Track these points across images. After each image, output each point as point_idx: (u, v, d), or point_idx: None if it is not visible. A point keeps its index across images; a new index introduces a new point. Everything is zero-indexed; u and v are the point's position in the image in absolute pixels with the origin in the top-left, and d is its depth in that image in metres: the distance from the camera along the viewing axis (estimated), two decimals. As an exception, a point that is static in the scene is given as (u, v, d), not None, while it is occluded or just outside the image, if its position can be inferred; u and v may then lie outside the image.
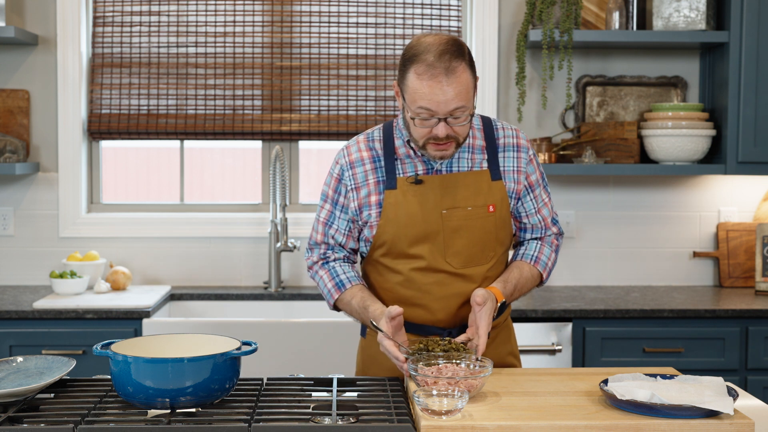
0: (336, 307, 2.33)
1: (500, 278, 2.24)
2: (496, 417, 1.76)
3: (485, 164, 2.24)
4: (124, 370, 1.77)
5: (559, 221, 2.41)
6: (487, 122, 2.29)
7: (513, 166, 2.26)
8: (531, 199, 2.30)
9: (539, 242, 2.34)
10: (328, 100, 3.80)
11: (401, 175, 2.22)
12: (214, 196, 4.03)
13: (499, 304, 2.14)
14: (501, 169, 2.25)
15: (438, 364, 1.95)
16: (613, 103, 3.79)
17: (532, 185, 2.30)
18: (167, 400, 1.77)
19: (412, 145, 2.21)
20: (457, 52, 2.06)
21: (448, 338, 2.10)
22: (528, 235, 2.35)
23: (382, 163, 2.24)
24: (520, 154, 2.27)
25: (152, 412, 1.78)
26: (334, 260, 2.31)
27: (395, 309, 2.06)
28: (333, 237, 2.29)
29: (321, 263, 2.32)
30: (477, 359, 1.97)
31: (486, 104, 3.76)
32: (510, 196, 2.25)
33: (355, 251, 2.34)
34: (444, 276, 2.21)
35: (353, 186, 2.25)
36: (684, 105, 3.59)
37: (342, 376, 2.05)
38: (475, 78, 2.12)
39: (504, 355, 2.34)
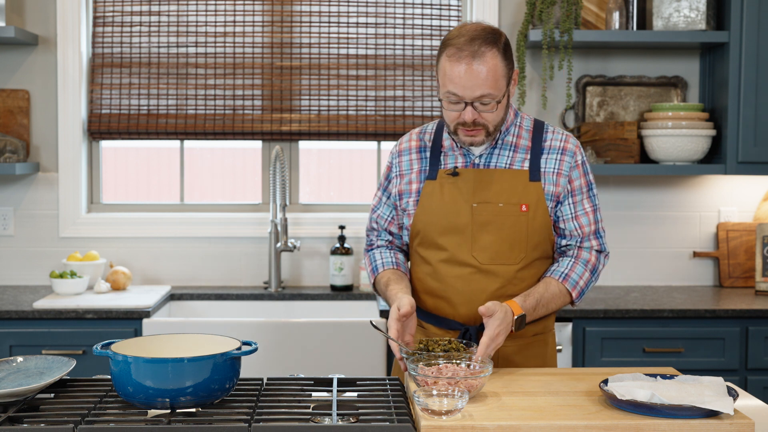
0: (377, 291, 2.40)
1: (524, 292, 2.21)
2: (496, 417, 1.76)
3: (526, 164, 2.25)
4: (124, 370, 1.77)
5: (604, 239, 2.31)
6: (539, 125, 2.30)
7: (554, 168, 2.25)
8: (569, 204, 2.26)
9: (572, 260, 2.27)
10: (328, 100, 3.79)
11: (443, 167, 2.27)
12: (214, 196, 4.02)
13: (516, 317, 2.11)
14: (541, 170, 2.24)
15: (438, 364, 1.95)
16: (613, 103, 3.79)
17: (574, 190, 2.26)
18: (167, 400, 1.77)
19: (454, 136, 2.25)
20: (489, 39, 2.10)
21: (447, 338, 2.10)
22: (564, 242, 2.29)
23: (428, 154, 2.31)
24: (564, 157, 2.25)
25: (152, 412, 1.78)
26: (377, 247, 2.40)
27: (404, 307, 2.09)
28: (376, 222, 2.41)
29: (366, 250, 2.44)
30: (477, 359, 1.97)
31: (486, 104, 3.76)
32: (548, 198, 2.23)
33: (399, 237, 2.40)
34: (469, 271, 2.22)
35: (398, 173, 2.34)
36: (684, 105, 3.59)
37: (342, 376, 2.04)
38: (511, 68, 2.15)
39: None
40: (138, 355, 1.79)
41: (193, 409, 1.80)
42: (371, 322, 2.29)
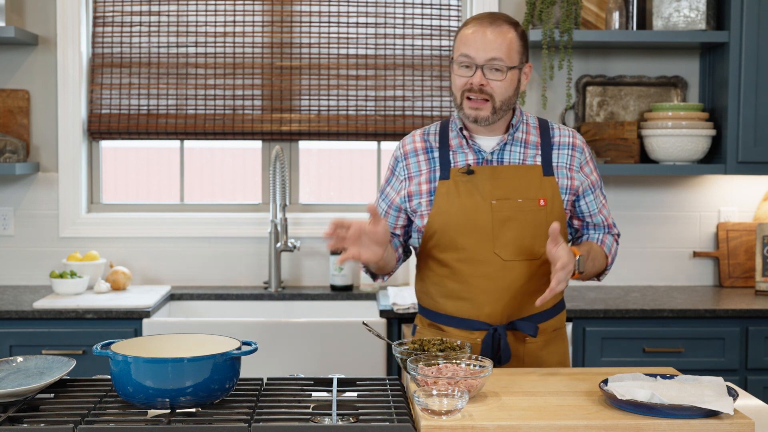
0: (368, 270, 2.36)
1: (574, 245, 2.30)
2: (496, 417, 1.76)
3: (538, 159, 2.28)
4: (124, 370, 1.77)
5: (616, 226, 2.45)
6: (544, 123, 2.35)
7: (566, 163, 2.30)
8: (593, 199, 2.35)
9: (602, 234, 2.40)
10: (328, 100, 3.79)
11: (454, 166, 2.27)
12: (214, 196, 4.02)
13: (577, 257, 2.16)
14: (554, 165, 2.28)
15: (438, 364, 1.95)
16: (613, 103, 3.79)
17: (593, 184, 2.34)
18: (167, 400, 1.77)
19: (464, 132, 2.27)
20: (509, 20, 2.22)
21: (440, 338, 2.10)
22: (592, 233, 2.40)
23: (436, 154, 2.30)
24: (575, 152, 2.31)
25: (152, 412, 1.78)
26: None
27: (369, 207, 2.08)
28: None
29: None
30: (476, 358, 1.97)
31: (486, 104, 3.76)
32: (563, 192, 2.28)
33: (396, 236, 2.40)
34: (492, 268, 2.23)
35: (406, 176, 2.33)
36: (684, 105, 3.59)
37: (342, 376, 2.04)
38: (526, 55, 2.24)
39: (555, 365, 2.35)
40: (138, 355, 1.79)
41: (193, 409, 1.80)
42: (363, 322, 2.29)
